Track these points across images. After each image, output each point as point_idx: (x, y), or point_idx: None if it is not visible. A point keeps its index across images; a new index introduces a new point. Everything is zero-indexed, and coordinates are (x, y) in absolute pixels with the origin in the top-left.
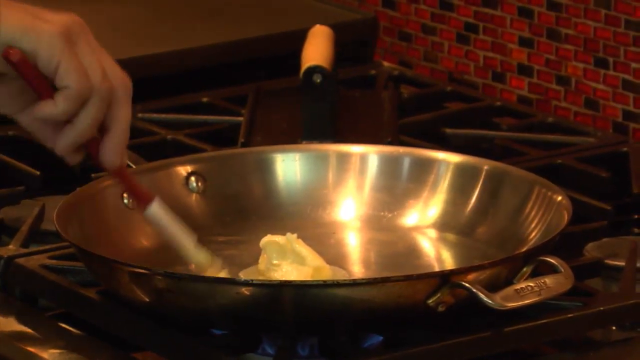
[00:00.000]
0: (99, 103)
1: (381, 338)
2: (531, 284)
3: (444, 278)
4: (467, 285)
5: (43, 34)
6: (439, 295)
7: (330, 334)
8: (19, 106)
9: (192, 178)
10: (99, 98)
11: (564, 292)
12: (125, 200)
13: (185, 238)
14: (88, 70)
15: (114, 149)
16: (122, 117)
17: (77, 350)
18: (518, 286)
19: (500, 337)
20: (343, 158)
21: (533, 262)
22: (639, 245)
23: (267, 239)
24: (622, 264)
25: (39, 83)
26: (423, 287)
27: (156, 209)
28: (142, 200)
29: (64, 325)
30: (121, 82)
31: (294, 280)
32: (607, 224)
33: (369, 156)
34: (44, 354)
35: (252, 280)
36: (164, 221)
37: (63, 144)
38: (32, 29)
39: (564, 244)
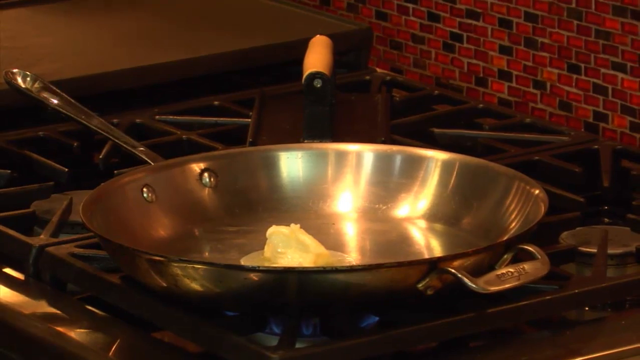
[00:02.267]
0: None
1: (377, 319)
2: (511, 270)
3: (432, 264)
4: (453, 270)
5: None
6: (427, 280)
7: (331, 315)
8: None
9: (205, 174)
10: None
11: (541, 277)
12: (145, 195)
13: None
14: None
15: None
16: None
17: (101, 330)
18: (499, 272)
19: (483, 318)
20: (341, 156)
21: (513, 250)
22: (609, 233)
23: (273, 229)
24: (594, 250)
25: None
26: (413, 272)
27: None
28: None
29: (89, 308)
30: None
31: (297, 267)
32: (580, 215)
33: (365, 154)
34: (72, 334)
35: (259, 267)
36: None
37: None
38: None
39: (541, 233)
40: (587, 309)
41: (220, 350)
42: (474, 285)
